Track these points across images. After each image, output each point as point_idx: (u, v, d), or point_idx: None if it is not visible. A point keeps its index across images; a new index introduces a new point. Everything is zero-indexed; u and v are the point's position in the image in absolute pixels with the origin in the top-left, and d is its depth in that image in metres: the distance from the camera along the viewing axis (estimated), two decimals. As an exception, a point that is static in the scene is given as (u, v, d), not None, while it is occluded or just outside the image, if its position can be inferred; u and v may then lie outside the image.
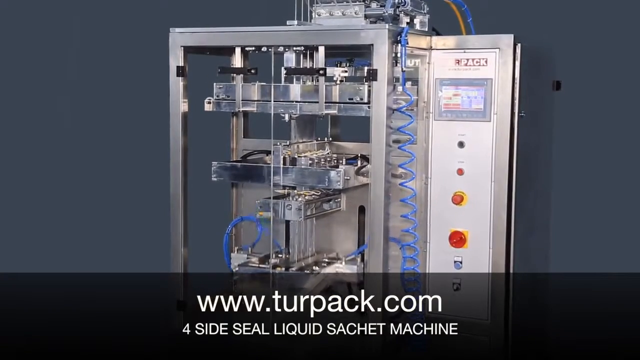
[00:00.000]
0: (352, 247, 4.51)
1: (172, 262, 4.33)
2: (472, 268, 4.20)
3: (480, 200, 4.17)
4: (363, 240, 4.49)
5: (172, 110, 4.32)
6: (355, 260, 4.34)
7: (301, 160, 4.21)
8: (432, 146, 4.25)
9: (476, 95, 4.14)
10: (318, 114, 4.07)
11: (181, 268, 4.33)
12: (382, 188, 3.93)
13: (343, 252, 4.49)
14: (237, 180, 4.51)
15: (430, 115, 4.24)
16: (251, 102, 4.22)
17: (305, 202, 4.22)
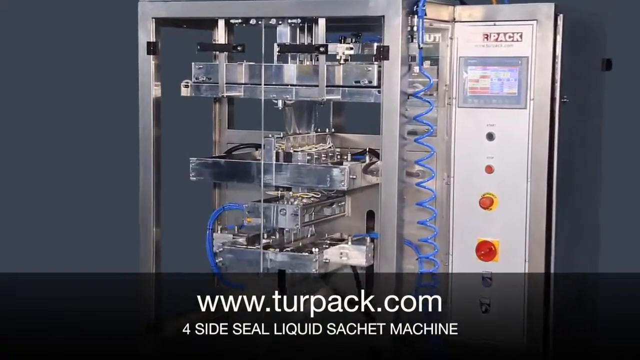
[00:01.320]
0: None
1: (141, 279, 4.37)
2: (505, 285, 4.19)
3: (514, 203, 4.16)
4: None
5: (141, 95, 4.31)
6: (364, 240, 4.29)
7: (297, 155, 4.20)
8: (456, 139, 4.24)
9: (509, 77, 4.13)
10: (318, 100, 4.06)
11: (153, 283, 4.36)
12: (395, 189, 3.91)
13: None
14: (220, 179, 4.50)
15: (454, 101, 4.23)
16: (237, 86, 4.21)
17: (303, 206, 4.21)
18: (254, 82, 4.18)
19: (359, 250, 4.24)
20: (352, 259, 4.25)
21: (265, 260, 4.18)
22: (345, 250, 4.25)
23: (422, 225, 4.21)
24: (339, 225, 4.52)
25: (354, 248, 4.25)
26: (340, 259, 4.25)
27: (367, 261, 4.24)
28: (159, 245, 4.38)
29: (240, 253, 4.26)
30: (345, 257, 4.24)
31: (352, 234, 4.35)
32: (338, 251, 4.25)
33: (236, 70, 4.21)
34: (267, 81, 4.14)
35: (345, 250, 4.25)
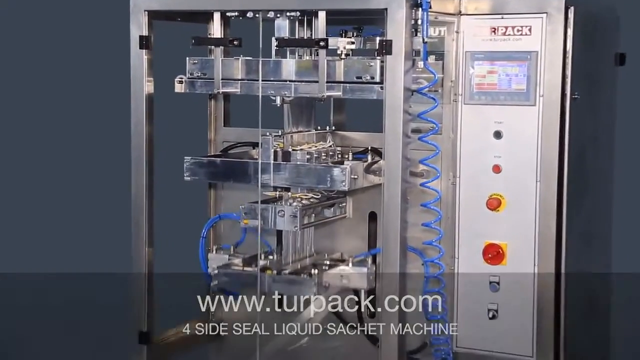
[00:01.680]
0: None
1: (134, 284, 4.36)
2: (513, 290, 4.17)
3: (523, 205, 4.14)
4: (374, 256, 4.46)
5: (133, 92, 4.31)
6: (365, 262, 4.31)
7: (296, 154, 4.20)
8: (462, 137, 4.23)
9: (517, 73, 4.11)
10: (318, 97, 4.05)
11: (144, 291, 4.35)
12: (399, 189, 3.91)
13: (349, 253, 4.48)
14: (215, 179, 4.49)
15: (459, 98, 4.22)
16: (233, 82, 4.21)
17: (302, 207, 4.19)
18: (251, 78, 4.17)
19: (360, 273, 4.27)
20: (353, 282, 4.29)
21: (263, 284, 4.20)
22: (345, 273, 4.28)
23: (426, 228, 4.20)
24: (339, 227, 4.51)
25: (355, 270, 4.28)
26: (340, 282, 4.29)
27: (368, 284, 4.28)
28: (151, 248, 4.38)
29: (237, 276, 4.29)
30: (345, 280, 4.28)
31: (354, 255, 4.36)
32: (338, 274, 4.28)
33: (232, 65, 4.20)
34: (264, 77, 4.13)
35: (345, 273, 4.28)
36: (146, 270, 4.36)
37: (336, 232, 4.53)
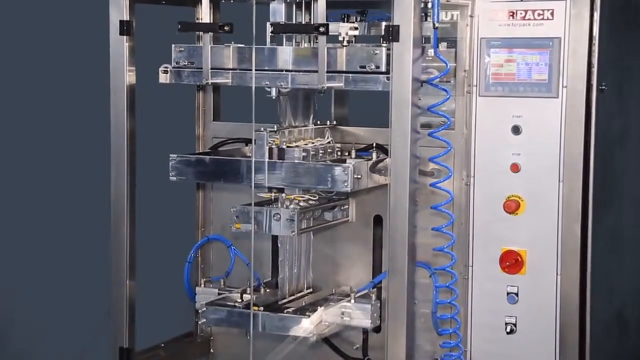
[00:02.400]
0: (364, 275, 4.52)
1: (113, 300, 4.37)
2: (533, 302, 4.17)
3: (544, 207, 4.14)
4: (379, 262, 4.50)
5: (113, 82, 4.32)
6: (369, 297, 4.31)
7: (294, 151, 4.20)
8: (476, 132, 4.23)
9: (538, 61, 4.11)
10: (317, 88, 4.05)
11: (125, 303, 4.35)
12: (407, 190, 3.90)
13: (353, 280, 4.51)
14: (204, 179, 4.51)
15: (474, 89, 4.22)
16: (224, 72, 4.21)
17: (300, 210, 4.20)
18: (244, 68, 4.17)
19: (363, 310, 4.25)
20: (355, 320, 4.28)
21: (256, 325, 4.21)
22: (347, 310, 4.27)
23: (437, 232, 4.21)
24: (341, 232, 4.52)
25: (357, 307, 4.26)
26: (341, 319, 4.28)
27: (372, 322, 4.28)
28: (133, 255, 4.40)
29: (227, 314, 4.30)
30: (347, 317, 4.27)
31: (356, 290, 4.37)
32: (339, 311, 4.27)
33: (223, 53, 4.20)
34: (258, 66, 4.13)
35: (347, 310, 4.27)
36: (127, 281, 4.37)
37: (337, 237, 4.55)
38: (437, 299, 4.25)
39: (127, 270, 4.35)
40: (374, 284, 4.41)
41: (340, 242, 4.54)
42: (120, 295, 4.36)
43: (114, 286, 4.36)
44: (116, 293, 4.36)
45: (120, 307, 4.36)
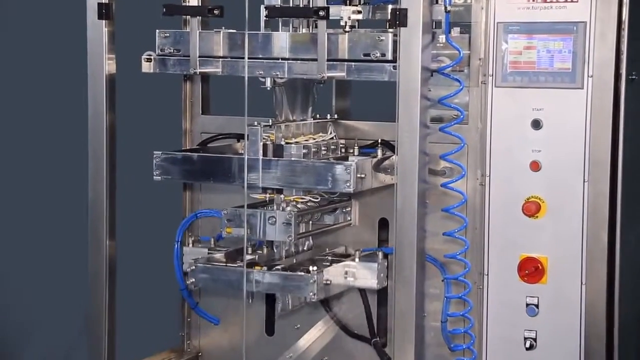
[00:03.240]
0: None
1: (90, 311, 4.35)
2: (555, 314, 4.19)
3: (567, 210, 4.16)
4: None
5: (90, 72, 4.33)
6: (375, 255, 4.31)
7: (291, 148, 4.21)
8: (492, 127, 4.24)
9: (561, 49, 4.12)
10: (317, 78, 4.07)
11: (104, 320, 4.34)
12: (415, 191, 3.90)
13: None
14: (192, 179, 4.51)
15: (490, 79, 4.23)
16: (214, 60, 4.22)
17: (297, 212, 4.20)
18: (235, 55, 4.18)
19: (369, 269, 4.26)
20: (360, 280, 4.28)
21: (250, 282, 4.18)
22: (351, 269, 4.27)
23: (449, 238, 4.22)
24: (343, 237, 4.54)
25: (363, 266, 4.26)
26: (344, 279, 4.27)
27: (379, 282, 4.27)
28: (113, 263, 4.39)
29: (218, 272, 4.26)
30: (351, 277, 4.27)
31: (361, 249, 4.36)
32: (342, 270, 4.27)
33: (212, 39, 4.21)
34: (251, 54, 4.13)
35: (351, 269, 4.27)
36: (106, 291, 4.37)
37: (339, 242, 4.56)
38: (449, 310, 4.26)
39: (106, 279, 4.36)
40: (381, 250, 4.38)
41: (342, 248, 4.54)
42: (98, 306, 4.36)
43: (92, 296, 4.36)
44: (94, 304, 4.36)
45: (98, 318, 4.35)
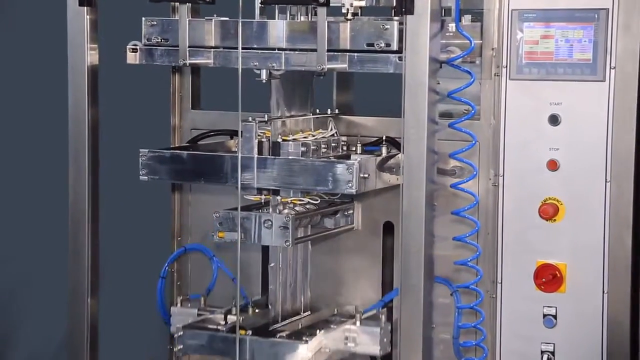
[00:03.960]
0: (372, 294, 4.54)
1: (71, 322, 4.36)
2: (574, 326, 4.19)
3: (588, 212, 4.16)
4: (390, 278, 4.52)
5: (71, 63, 4.34)
6: (378, 318, 4.31)
7: (288, 146, 4.22)
8: (506, 123, 4.25)
9: (581, 38, 4.13)
10: (316, 70, 4.06)
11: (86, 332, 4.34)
12: (423, 192, 3.91)
13: (359, 299, 4.53)
14: (181, 179, 4.49)
15: (504, 71, 4.23)
16: (205, 50, 4.21)
17: (295, 215, 4.19)
18: (228, 45, 4.17)
19: (370, 335, 4.29)
20: (362, 346, 4.32)
21: (243, 352, 4.22)
22: (351, 334, 4.31)
23: (459, 243, 4.22)
24: (345, 242, 4.52)
25: (364, 331, 4.30)
26: (345, 345, 4.32)
27: (382, 349, 4.31)
28: (95, 271, 4.39)
29: (207, 339, 4.30)
30: (352, 342, 4.32)
31: (362, 310, 4.39)
32: (342, 335, 4.31)
33: (203, 28, 4.20)
34: (245, 44, 4.13)
35: (351, 334, 4.31)
36: (88, 300, 4.37)
37: (340, 248, 4.56)
38: (460, 322, 4.27)
39: (88, 287, 4.36)
40: (384, 303, 4.41)
41: (343, 254, 4.55)
42: (79, 316, 4.36)
43: (71, 306, 4.37)
44: (74, 314, 4.37)
45: (79, 330, 4.36)
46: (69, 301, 4.35)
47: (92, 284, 4.36)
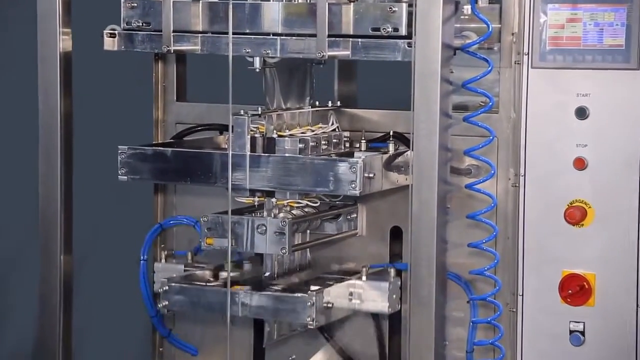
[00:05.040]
0: None
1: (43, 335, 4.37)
2: (605, 344, 4.19)
3: (619, 216, 4.15)
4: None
5: (41, 50, 4.36)
6: (386, 273, 4.34)
7: (284, 142, 4.22)
8: (528, 116, 4.24)
9: (612, 21, 4.13)
10: (316, 58, 4.08)
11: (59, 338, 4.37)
12: (435, 194, 3.91)
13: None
14: (165, 179, 4.48)
15: (525, 58, 4.23)
16: (191, 36, 4.23)
17: (292, 220, 4.20)
18: (217, 30, 4.19)
19: (378, 290, 4.30)
20: (368, 303, 4.32)
21: (235, 304, 4.19)
22: (357, 290, 4.30)
23: (475, 250, 4.22)
24: (347, 249, 4.54)
25: (371, 286, 4.30)
26: (349, 302, 4.30)
27: (390, 306, 4.31)
28: (69, 281, 4.42)
29: (196, 293, 4.29)
30: (357, 299, 4.32)
31: (368, 265, 4.39)
32: (346, 290, 4.30)
33: (189, 11, 4.21)
34: (237, 28, 4.13)
35: (357, 290, 4.30)
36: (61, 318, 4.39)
37: (343, 256, 4.57)
38: (475, 338, 4.27)
39: (60, 301, 4.38)
40: (394, 266, 4.42)
41: (346, 262, 4.55)
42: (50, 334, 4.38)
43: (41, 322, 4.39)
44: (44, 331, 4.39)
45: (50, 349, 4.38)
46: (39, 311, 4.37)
47: (64, 295, 4.37)
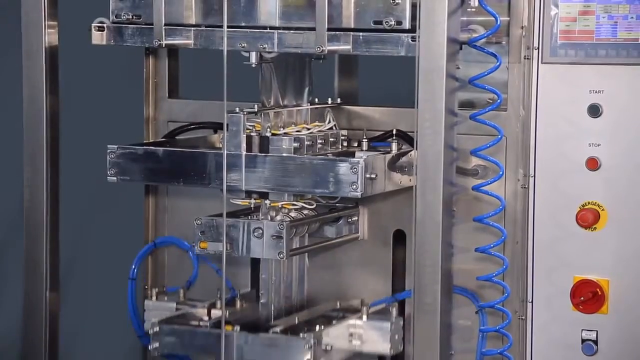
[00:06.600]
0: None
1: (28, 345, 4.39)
2: (619, 353, 4.19)
3: (634, 219, 4.16)
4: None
5: (26, 44, 4.38)
6: (388, 312, 4.34)
7: (282, 141, 4.23)
8: (538, 114, 4.25)
9: (627, 14, 4.13)
10: (315, 53, 4.08)
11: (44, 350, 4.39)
12: (440, 196, 3.92)
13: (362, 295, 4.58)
14: (156, 180, 4.49)
15: (535, 53, 4.23)
16: (184, 29, 4.24)
17: (290, 223, 4.20)
18: (211, 24, 4.19)
19: (380, 330, 4.33)
20: (369, 344, 4.35)
21: (229, 347, 4.22)
22: (357, 330, 4.35)
23: (482, 255, 4.22)
24: (348, 253, 4.54)
25: (372, 326, 4.34)
26: (349, 343, 4.35)
27: (392, 347, 4.34)
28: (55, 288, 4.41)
29: (188, 335, 4.33)
30: (357, 340, 4.35)
31: (369, 304, 4.43)
32: (346, 331, 4.33)
33: (182, 3, 4.22)
34: (231, 21, 4.14)
35: (357, 330, 4.35)
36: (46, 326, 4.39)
37: (343, 262, 4.57)
38: (484, 347, 4.29)
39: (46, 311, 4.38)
40: (396, 299, 4.45)
41: (347, 267, 4.56)
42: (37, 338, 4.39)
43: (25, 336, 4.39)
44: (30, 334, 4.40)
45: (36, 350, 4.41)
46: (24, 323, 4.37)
47: (50, 303, 4.37)
